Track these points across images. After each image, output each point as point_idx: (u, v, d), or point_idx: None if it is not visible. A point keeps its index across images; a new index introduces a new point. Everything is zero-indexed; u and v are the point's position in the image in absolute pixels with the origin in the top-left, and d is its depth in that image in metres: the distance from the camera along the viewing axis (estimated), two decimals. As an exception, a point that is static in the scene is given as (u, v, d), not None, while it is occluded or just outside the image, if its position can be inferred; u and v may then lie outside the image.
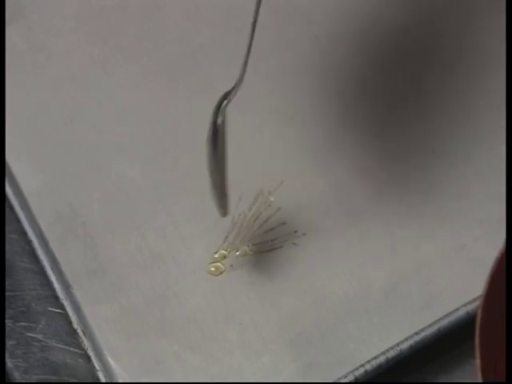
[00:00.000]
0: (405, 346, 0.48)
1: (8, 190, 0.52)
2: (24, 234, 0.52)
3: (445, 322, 0.49)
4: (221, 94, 0.55)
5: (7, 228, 0.52)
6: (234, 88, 0.45)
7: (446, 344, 0.50)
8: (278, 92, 0.55)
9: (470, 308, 0.49)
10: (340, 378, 0.48)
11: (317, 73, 0.55)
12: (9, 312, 0.51)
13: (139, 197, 0.52)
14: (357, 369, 0.48)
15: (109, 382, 0.48)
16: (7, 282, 0.51)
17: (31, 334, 0.51)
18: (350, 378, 0.48)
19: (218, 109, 0.45)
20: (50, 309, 0.51)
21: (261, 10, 0.57)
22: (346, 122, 0.54)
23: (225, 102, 0.45)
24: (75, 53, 0.56)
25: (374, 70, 0.55)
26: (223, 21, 0.57)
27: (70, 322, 0.50)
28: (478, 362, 0.41)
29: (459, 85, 0.55)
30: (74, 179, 0.53)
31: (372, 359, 0.48)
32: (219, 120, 0.44)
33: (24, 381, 0.50)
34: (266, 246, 0.51)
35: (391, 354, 0.48)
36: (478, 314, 0.42)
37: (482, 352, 0.41)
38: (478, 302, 0.44)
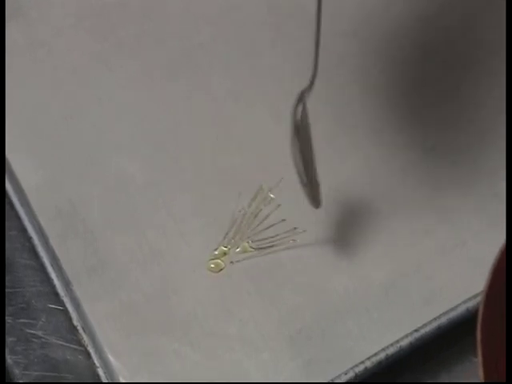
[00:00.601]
0: (405, 342, 0.48)
1: (8, 186, 0.52)
2: (24, 230, 0.52)
3: (445, 319, 0.49)
4: (220, 91, 0.55)
5: (7, 225, 0.52)
6: (309, 86, 0.45)
7: (445, 341, 0.50)
8: (277, 88, 0.55)
9: (470, 305, 0.49)
10: (340, 375, 0.48)
11: (317, 69, 0.55)
12: (9, 309, 0.51)
13: (139, 193, 0.52)
14: (357, 365, 0.48)
15: (109, 379, 0.48)
16: (7, 279, 0.51)
17: (31, 331, 0.51)
18: (350, 375, 0.48)
19: (296, 107, 0.45)
20: (50, 305, 0.51)
21: (261, 7, 0.57)
22: (346, 118, 0.54)
23: (302, 100, 0.45)
24: (75, 50, 0.56)
25: (375, 67, 0.55)
26: (223, 19, 0.57)
27: (70, 319, 0.50)
28: (479, 358, 0.41)
29: (459, 82, 0.55)
30: (74, 176, 0.53)
31: (372, 356, 0.48)
32: (298, 118, 0.45)
33: (24, 379, 0.50)
34: (266, 243, 0.51)
35: (391, 350, 0.48)
36: (480, 310, 0.42)
37: (483, 349, 0.41)
38: (478, 299, 0.44)
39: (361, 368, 0.48)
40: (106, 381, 0.48)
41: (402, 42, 0.56)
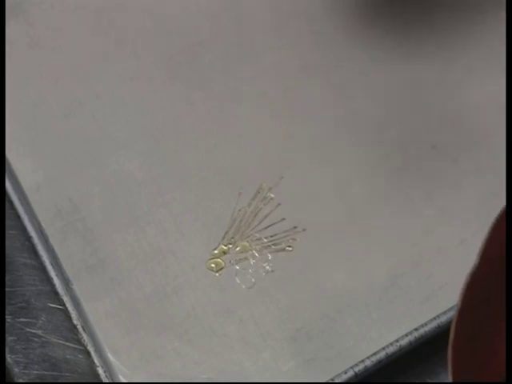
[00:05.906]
0: (404, 341, 0.48)
1: (8, 185, 0.52)
2: (24, 229, 0.51)
3: (444, 318, 0.49)
4: (220, 90, 0.55)
5: (7, 223, 0.52)
6: None
7: (445, 340, 0.49)
8: (278, 87, 0.55)
9: (469, 304, 0.49)
10: (340, 374, 0.47)
11: (316, 69, 0.55)
12: (8, 308, 0.51)
13: (139, 191, 0.52)
14: (357, 364, 0.48)
15: (108, 378, 0.48)
16: (7, 278, 0.51)
17: (31, 330, 0.50)
18: (350, 374, 0.47)
19: None
20: (50, 304, 0.51)
21: (261, 7, 0.57)
22: (346, 117, 0.54)
23: None
24: (75, 47, 0.56)
25: (374, 66, 0.55)
26: (223, 15, 0.57)
27: (69, 318, 0.50)
28: (450, 375, 0.40)
29: (459, 80, 0.55)
30: (74, 174, 0.53)
31: (372, 355, 0.48)
32: None
33: (24, 378, 0.50)
34: (266, 242, 0.51)
35: (391, 349, 0.48)
36: (452, 326, 0.40)
37: (454, 366, 0.40)
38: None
39: (361, 367, 0.48)
40: (106, 380, 0.48)
41: (401, 41, 0.56)
